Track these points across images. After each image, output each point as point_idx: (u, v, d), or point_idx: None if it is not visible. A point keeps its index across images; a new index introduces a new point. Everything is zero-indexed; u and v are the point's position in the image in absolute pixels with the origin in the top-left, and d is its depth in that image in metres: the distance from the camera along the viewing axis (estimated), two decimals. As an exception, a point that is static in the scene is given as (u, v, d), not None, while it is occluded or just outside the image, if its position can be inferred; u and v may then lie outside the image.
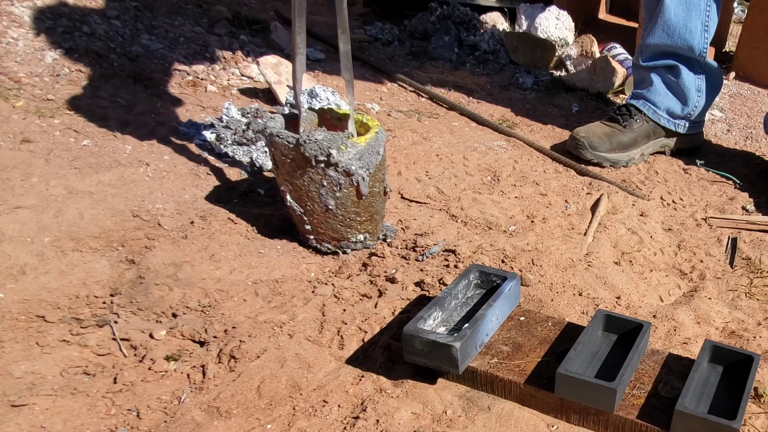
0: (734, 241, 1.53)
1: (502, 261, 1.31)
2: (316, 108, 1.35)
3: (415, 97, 2.21)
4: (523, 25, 2.77)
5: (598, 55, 2.54)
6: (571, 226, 1.53)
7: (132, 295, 1.13)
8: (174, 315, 1.11)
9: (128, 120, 1.69)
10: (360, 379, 1.02)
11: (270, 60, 1.95)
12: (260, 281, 1.20)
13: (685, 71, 1.89)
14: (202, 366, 1.02)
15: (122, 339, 1.05)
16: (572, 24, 2.78)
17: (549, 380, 0.97)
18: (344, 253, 1.33)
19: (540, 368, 1.00)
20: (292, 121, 1.30)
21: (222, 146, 1.66)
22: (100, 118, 1.67)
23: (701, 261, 1.45)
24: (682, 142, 1.99)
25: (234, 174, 1.57)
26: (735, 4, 3.39)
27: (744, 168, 1.95)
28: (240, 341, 1.05)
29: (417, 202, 1.56)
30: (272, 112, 1.74)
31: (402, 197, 1.57)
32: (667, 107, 1.92)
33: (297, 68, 1.21)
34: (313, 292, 1.20)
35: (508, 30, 2.81)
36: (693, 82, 1.90)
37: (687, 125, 1.95)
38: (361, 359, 1.06)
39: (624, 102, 2.01)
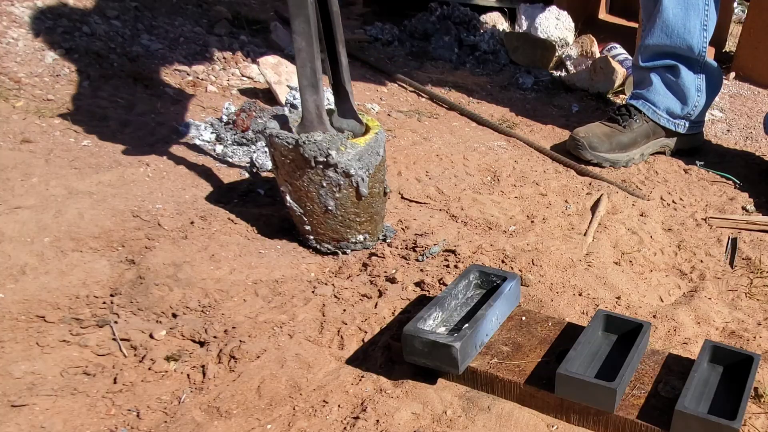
0: (734, 241, 1.53)
1: (502, 261, 1.31)
2: None
3: (415, 97, 2.21)
4: (523, 25, 2.77)
5: (598, 55, 2.54)
6: (571, 226, 1.53)
7: (132, 295, 1.13)
8: (174, 315, 1.11)
9: (128, 120, 1.69)
10: (360, 379, 1.02)
11: (270, 60, 1.95)
12: (260, 281, 1.20)
13: (684, 71, 1.89)
14: (202, 366, 1.02)
15: (122, 339, 1.05)
16: (572, 24, 2.78)
17: (549, 380, 0.97)
18: (344, 253, 1.33)
19: (540, 368, 1.00)
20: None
21: (222, 146, 1.66)
22: (100, 118, 1.67)
23: (701, 261, 1.45)
24: (682, 142, 1.99)
25: (234, 174, 1.57)
26: (735, 4, 3.39)
27: (744, 168, 1.95)
28: (240, 341, 1.05)
29: (417, 202, 1.56)
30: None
31: (402, 197, 1.57)
32: (667, 107, 1.92)
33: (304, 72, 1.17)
34: (313, 292, 1.20)
35: (508, 30, 2.81)
36: (693, 82, 1.90)
37: (687, 125, 1.95)
38: (361, 359, 1.06)
39: (624, 102, 2.01)
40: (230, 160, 1.62)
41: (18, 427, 0.89)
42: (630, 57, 2.52)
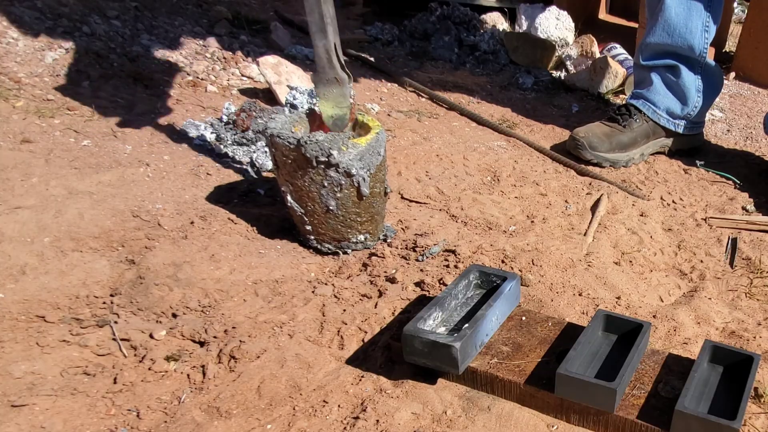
0: (734, 241, 1.53)
1: (502, 261, 1.31)
2: (317, 108, 1.35)
3: (415, 97, 2.21)
4: (523, 25, 2.77)
5: (598, 55, 2.54)
6: (571, 226, 1.53)
7: (132, 295, 1.13)
8: (174, 315, 1.11)
9: (128, 120, 1.69)
10: (360, 379, 1.02)
11: (270, 60, 1.95)
12: (260, 281, 1.20)
13: (685, 71, 1.89)
14: (202, 366, 1.02)
15: (122, 339, 1.05)
16: (572, 24, 2.78)
17: (549, 380, 0.97)
18: (344, 253, 1.33)
19: (540, 368, 1.00)
20: (312, 117, 1.31)
21: (222, 146, 1.66)
22: (100, 118, 1.67)
23: (701, 261, 1.45)
24: (682, 142, 1.99)
25: (234, 174, 1.57)
26: (735, 4, 3.39)
27: (744, 168, 1.95)
28: (240, 341, 1.05)
29: (417, 202, 1.56)
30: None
31: (402, 197, 1.57)
32: (667, 107, 1.92)
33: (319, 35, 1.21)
34: (313, 292, 1.20)
35: (508, 30, 2.81)
36: (693, 82, 1.90)
37: (687, 125, 1.95)
38: (361, 359, 1.06)
39: (624, 102, 2.01)
40: (230, 160, 1.62)
41: (18, 427, 0.89)
42: (630, 57, 2.52)
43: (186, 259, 1.19)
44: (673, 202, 1.72)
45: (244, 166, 1.60)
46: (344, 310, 1.15)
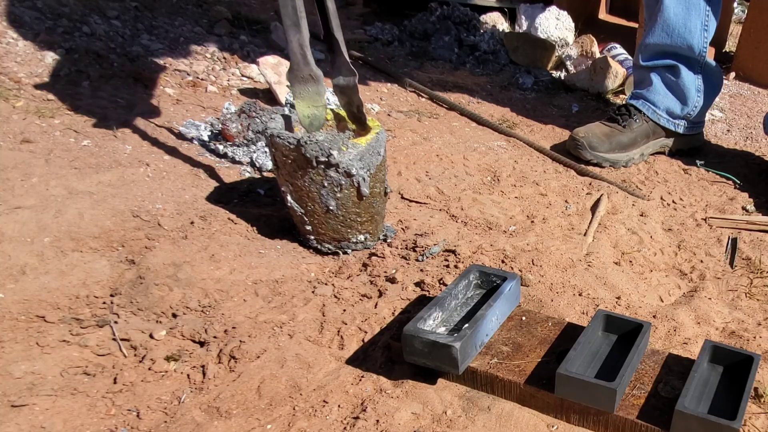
0: (734, 241, 1.53)
1: (502, 261, 1.31)
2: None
3: (415, 97, 2.21)
4: (523, 25, 2.77)
5: (598, 55, 2.54)
6: (571, 226, 1.53)
7: (132, 295, 1.13)
8: (174, 315, 1.11)
9: (128, 120, 1.69)
10: (360, 379, 1.02)
11: (270, 60, 1.95)
12: (260, 281, 1.20)
13: (684, 71, 1.89)
14: (202, 366, 1.02)
15: (122, 339, 1.05)
16: (572, 24, 2.78)
17: (549, 380, 0.97)
18: (345, 253, 1.33)
19: (540, 368, 1.00)
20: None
21: (222, 146, 1.66)
22: (100, 118, 1.67)
23: (701, 261, 1.45)
24: (682, 142, 1.99)
25: (234, 174, 1.57)
26: (735, 4, 3.39)
27: (744, 168, 1.95)
28: (240, 341, 1.05)
29: (417, 202, 1.56)
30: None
31: (402, 197, 1.57)
32: (667, 107, 1.92)
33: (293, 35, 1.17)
34: (313, 292, 1.20)
35: (508, 30, 2.81)
36: (693, 82, 1.90)
37: (686, 125, 1.95)
38: (361, 359, 1.06)
39: (624, 102, 2.01)
40: (230, 160, 1.62)
41: (18, 427, 0.89)
42: (630, 57, 2.52)
43: (186, 259, 1.19)
44: (673, 202, 1.72)
45: (244, 166, 1.60)
46: (344, 310, 1.16)
